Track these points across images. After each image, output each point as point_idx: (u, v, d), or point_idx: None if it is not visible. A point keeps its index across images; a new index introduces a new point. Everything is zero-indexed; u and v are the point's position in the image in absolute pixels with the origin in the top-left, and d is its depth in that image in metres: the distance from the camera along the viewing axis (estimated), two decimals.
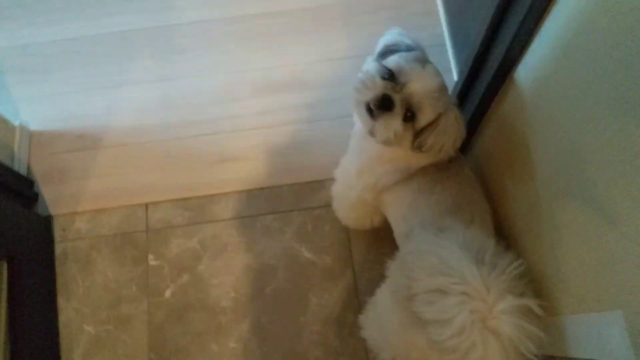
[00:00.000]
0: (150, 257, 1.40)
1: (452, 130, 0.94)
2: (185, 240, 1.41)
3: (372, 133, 0.95)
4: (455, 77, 1.56)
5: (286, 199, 1.47)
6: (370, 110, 0.91)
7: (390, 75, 0.92)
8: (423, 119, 0.93)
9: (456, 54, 1.58)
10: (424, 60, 0.93)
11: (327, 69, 1.65)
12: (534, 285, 0.91)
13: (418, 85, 0.90)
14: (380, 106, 0.90)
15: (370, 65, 0.96)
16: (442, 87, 0.92)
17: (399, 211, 1.12)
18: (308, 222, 1.44)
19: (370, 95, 0.91)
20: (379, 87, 0.90)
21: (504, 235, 1.07)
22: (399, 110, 0.90)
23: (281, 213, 1.45)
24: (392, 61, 0.94)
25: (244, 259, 1.40)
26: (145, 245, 1.41)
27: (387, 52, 0.98)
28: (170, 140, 1.55)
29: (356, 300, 1.35)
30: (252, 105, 1.60)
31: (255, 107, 1.60)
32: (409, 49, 0.96)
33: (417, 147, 0.96)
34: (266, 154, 1.53)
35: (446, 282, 0.85)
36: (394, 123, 0.91)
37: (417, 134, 0.96)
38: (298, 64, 1.66)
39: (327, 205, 1.44)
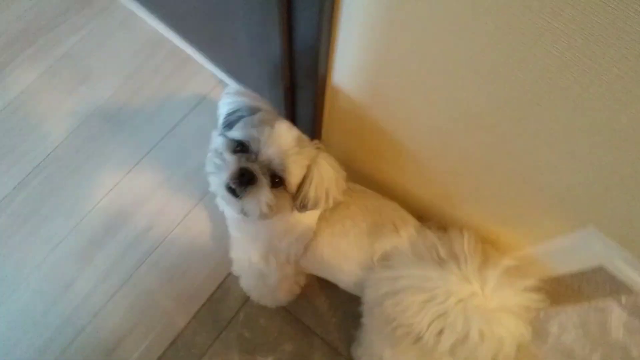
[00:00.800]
0: None
1: (328, 176, 0.87)
2: None
3: (244, 213, 0.85)
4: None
5: (204, 331, 1.28)
6: (232, 190, 0.81)
7: (241, 147, 0.82)
8: (293, 178, 0.84)
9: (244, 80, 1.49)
10: (272, 119, 0.84)
11: (131, 184, 1.43)
12: (492, 241, 0.93)
13: (274, 147, 0.81)
14: (241, 182, 0.79)
15: (216, 143, 0.86)
16: (300, 139, 0.84)
17: (329, 269, 1.04)
18: (243, 332, 1.28)
19: (226, 174, 0.80)
20: (232, 163, 0.80)
21: (425, 212, 1.06)
22: (262, 179, 0.80)
23: (210, 348, 1.26)
24: (238, 131, 0.84)
25: None
26: None
27: (231, 121, 0.87)
28: None
29: (342, 358, 1.26)
30: (91, 278, 1.33)
31: (95, 276, 1.33)
32: (252, 111, 0.86)
33: (302, 207, 0.88)
34: (145, 309, 1.30)
35: (438, 306, 0.81)
36: (262, 195, 0.81)
37: (295, 194, 0.87)
38: (98, 202, 1.41)
39: (247, 300, 1.30)
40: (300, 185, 0.86)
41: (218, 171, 0.82)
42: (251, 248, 1.05)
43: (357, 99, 0.92)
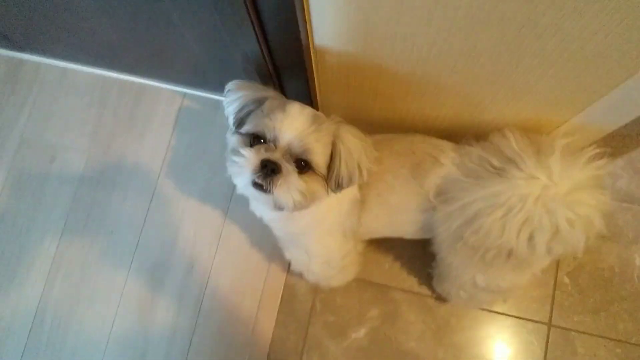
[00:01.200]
0: None
1: (356, 147, 0.81)
2: None
3: (278, 207, 0.80)
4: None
5: (291, 335, 1.27)
6: (260, 186, 0.76)
7: (257, 139, 0.78)
8: (319, 159, 0.79)
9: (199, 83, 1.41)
10: (281, 103, 0.79)
11: (152, 234, 1.38)
12: (533, 127, 0.90)
13: (290, 132, 0.76)
14: (266, 174, 0.75)
15: (232, 142, 0.82)
16: (316, 116, 0.79)
17: (390, 226, 1.02)
18: (327, 318, 1.27)
19: (248, 171, 0.76)
20: (252, 157, 0.76)
21: (454, 131, 1.02)
22: (288, 167, 0.76)
23: (304, 348, 1.26)
24: (250, 125, 0.79)
25: None
26: None
27: (241, 118, 0.82)
28: None
29: (429, 298, 1.27)
30: (160, 341, 1.30)
31: (163, 335, 1.30)
32: (259, 102, 0.81)
33: (337, 187, 0.83)
34: (224, 347, 1.28)
35: (518, 214, 0.79)
36: (291, 182, 0.76)
37: (327, 175, 0.83)
38: (130, 265, 1.36)
39: (316, 288, 1.29)
40: (330, 165, 0.82)
41: (240, 170, 0.77)
42: (306, 241, 1.02)
43: (349, 49, 0.85)
